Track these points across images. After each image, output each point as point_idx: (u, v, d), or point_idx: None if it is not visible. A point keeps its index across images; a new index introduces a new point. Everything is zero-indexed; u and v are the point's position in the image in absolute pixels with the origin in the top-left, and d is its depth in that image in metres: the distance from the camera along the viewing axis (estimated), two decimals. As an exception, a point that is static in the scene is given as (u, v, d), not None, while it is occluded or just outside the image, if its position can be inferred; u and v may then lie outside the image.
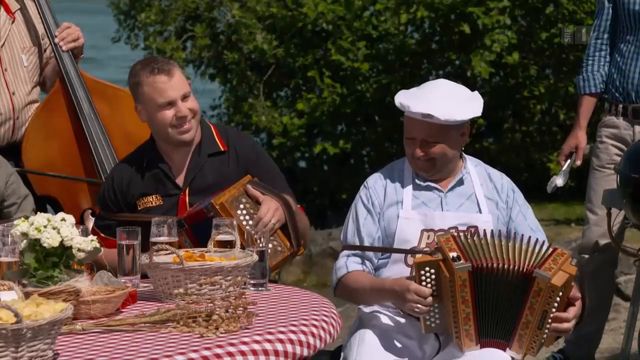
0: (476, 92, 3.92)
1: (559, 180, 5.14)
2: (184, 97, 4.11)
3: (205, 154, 4.20)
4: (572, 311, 3.64)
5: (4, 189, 4.24)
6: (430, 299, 3.60)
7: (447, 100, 3.81)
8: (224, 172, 4.18)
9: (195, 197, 4.14)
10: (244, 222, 3.89)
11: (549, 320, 3.59)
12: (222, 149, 4.23)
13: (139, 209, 4.17)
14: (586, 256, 5.15)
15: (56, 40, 4.81)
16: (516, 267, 3.59)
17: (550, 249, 3.64)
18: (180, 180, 4.18)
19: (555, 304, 3.58)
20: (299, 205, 4.26)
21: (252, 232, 3.69)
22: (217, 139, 4.23)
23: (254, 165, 4.22)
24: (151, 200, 4.17)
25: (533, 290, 3.58)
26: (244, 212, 4.01)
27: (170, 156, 4.19)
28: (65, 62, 4.81)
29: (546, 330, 3.61)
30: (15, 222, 3.37)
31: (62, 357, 2.86)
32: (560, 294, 3.57)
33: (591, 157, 5.23)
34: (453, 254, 3.57)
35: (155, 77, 4.08)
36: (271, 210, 4.03)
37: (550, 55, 9.77)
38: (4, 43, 4.76)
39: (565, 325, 3.63)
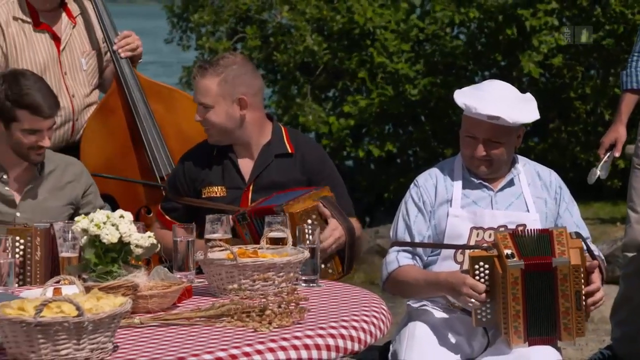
0: (529, 94, 3.94)
1: (600, 172, 5.13)
2: (203, 106, 4.17)
3: (273, 153, 4.24)
4: (597, 278, 3.67)
5: (80, 198, 4.29)
6: (484, 294, 3.61)
7: (509, 102, 3.82)
8: (289, 174, 4.22)
9: (258, 194, 4.18)
10: (306, 236, 3.90)
11: (584, 297, 3.61)
12: (290, 152, 4.26)
13: (203, 196, 4.22)
14: (629, 254, 5.12)
15: (115, 47, 4.86)
16: (539, 263, 3.61)
17: (548, 233, 3.65)
18: (246, 175, 4.23)
19: (582, 281, 3.61)
20: (356, 218, 4.28)
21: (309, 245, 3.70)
22: (286, 142, 4.27)
23: (318, 172, 4.25)
24: (216, 190, 4.22)
25: (559, 278, 3.60)
26: (309, 227, 4.02)
27: (239, 150, 4.24)
28: (121, 64, 4.86)
29: (584, 307, 3.63)
30: (76, 219, 3.43)
31: (121, 350, 2.89)
32: (582, 269, 3.60)
33: (633, 156, 5.21)
34: (507, 251, 3.58)
35: (195, 73, 4.21)
36: (334, 236, 4.06)
37: (598, 56, 9.71)
38: (64, 47, 4.82)
39: (599, 294, 3.66)
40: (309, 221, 4.02)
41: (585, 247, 3.70)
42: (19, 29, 4.73)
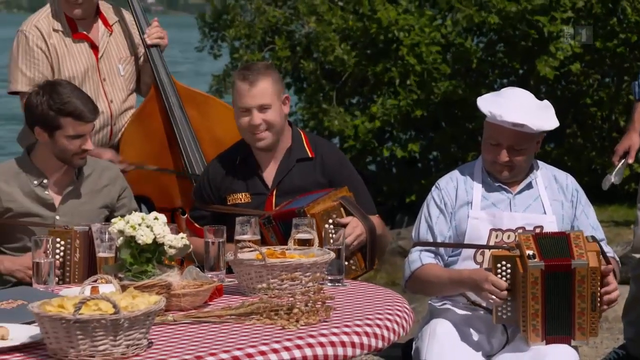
0: (546, 101, 3.93)
1: (614, 178, 5.14)
2: (262, 108, 4.15)
3: (294, 158, 4.24)
4: (613, 279, 3.67)
5: (115, 201, 4.32)
6: (505, 292, 3.62)
7: (531, 110, 3.82)
8: (310, 178, 4.22)
9: (281, 199, 4.18)
10: (330, 236, 3.91)
11: (599, 299, 3.61)
12: (310, 156, 4.27)
13: (228, 204, 4.23)
14: (637, 256, 5.09)
15: (145, 35, 4.91)
16: (559, 264, 3.61)
17: (565, 236, 3.65)
18: (269, 181, 4.23)
19: (599, 283, 3.61)
20: (377, 215, 4.27)
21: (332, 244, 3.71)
22: (306, 146, 4.27)
23: (338, 173, 4.25)
24: (240, 197, 4.23)
25: (577, 280, 3.60)
26: (331, 226, 4.03)
27: (261, 157, 4.25)
28: (159, 70, 4.91)
29: (599, 309, 3.63)
30: (112, 220, 3.45)
31: (155, 346, 2.91)
32: (599, 272, 3.60)
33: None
34: (529, 252, 3.59)
35: (240, 83, 4.15)
36: (355, 234, 4.06)
37: (612, 64, 9.67)
38: (102, 55, 4.86)
39: (614, 294, 3.67)
40: (330, 220, 4.03)
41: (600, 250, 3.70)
42: (60, 39, 4.79)
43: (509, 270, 3.63)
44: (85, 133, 4.12)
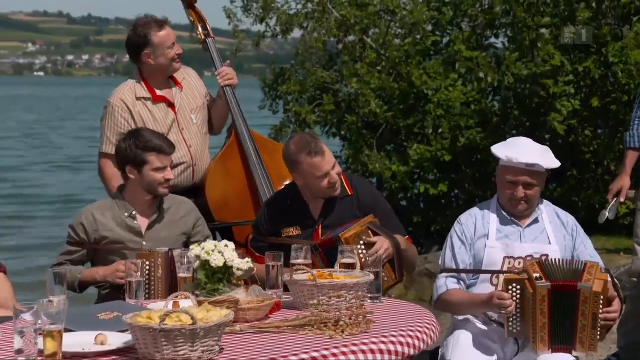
0: (546, 146, 3.94)
1: (609, 214, 5.11)
2: (333, 166, 4.18)
3: (337, 197, 4.25)
4: (616, 304, 3.65)
5: (192, 230, 4.35)
6: (510, 301, 3.59)
7: (539, 153, 3.84)
8: (349, 212, 4.21)
9: (325, 230, 4.19)
10: (361, 254, 3.87)
11: (600, 319, 3.58)
12: (350, 193, 4.27)
13: (283, 236, 4.24)
14: (635, 279, 5.05)
15: (218, 77, 4.96)
16: (565, 285, 3.59)
17: (582, 265, 3.63)
18: (315, 217, 4.23)
19: (601, 306, 3.58)
20: (407, 237, 4.27)
21: (368, 261, 3.71)
22: (346, 185, 4.27)
23: (372, 206, 4.24)
24: (292, 230, 4.23)
25: (581, 300, 3.57)
26: (363, 246, 4.04)
27: (310, 199, 4.25)
28: (239, 123, 4.97)
29: (599, 328, 3.59)
30: (190, 247, 3.48)
31: (225, 352, 2.92)
32: (602, 297, 3.58)
33: (636, 201, 5.18)
34: (536, 275, 3.58)
35: (313, 159, 4.11)
36: (383, 248, 4.05)
37: (606, 119, 9.63)
38: (178, 109, 4.91)
39: (613, 314, 3.63)
40: (361, 242, 4.03)
41: (610, 279, 3.67)
42: (143, 106, 4.82)
43: (519, 291, 3.61)
44: (167, 165, 4.18)
